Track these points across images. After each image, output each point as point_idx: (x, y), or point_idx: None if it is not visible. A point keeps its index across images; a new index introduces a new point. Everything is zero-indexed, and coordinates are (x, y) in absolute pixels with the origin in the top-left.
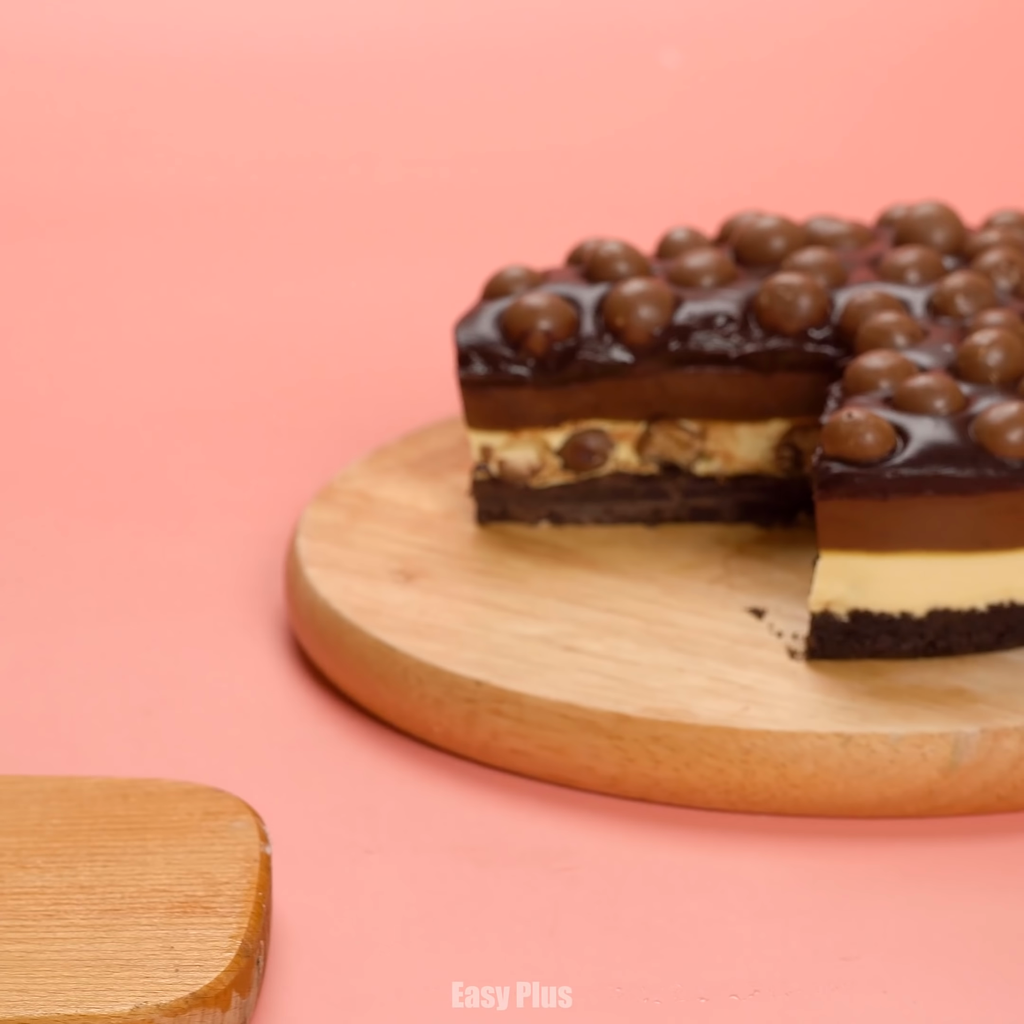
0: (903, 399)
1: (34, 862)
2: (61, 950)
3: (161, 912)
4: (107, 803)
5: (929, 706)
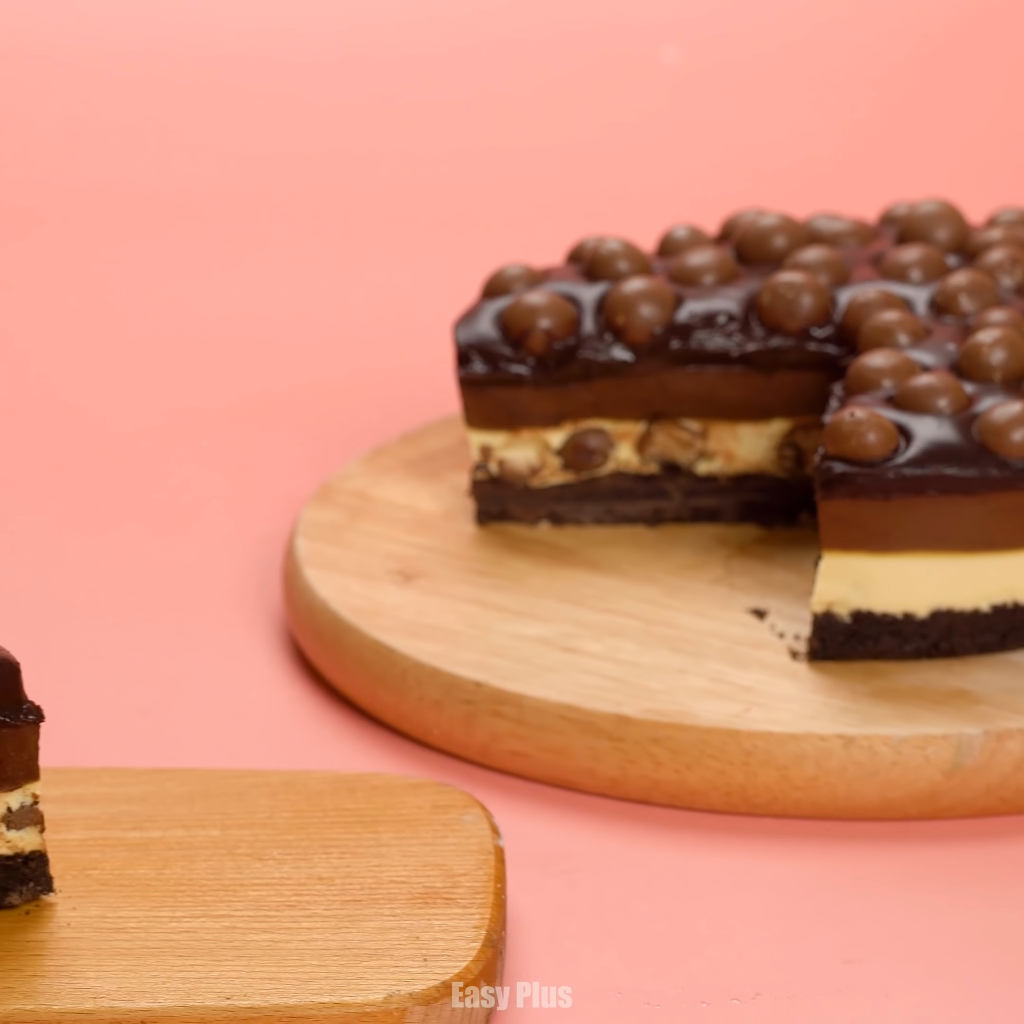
0: (906, 398)
1: (270, 854)
2: (308, 940)
3: (403, 903)
4: (334, 796)
5: (932, 707)
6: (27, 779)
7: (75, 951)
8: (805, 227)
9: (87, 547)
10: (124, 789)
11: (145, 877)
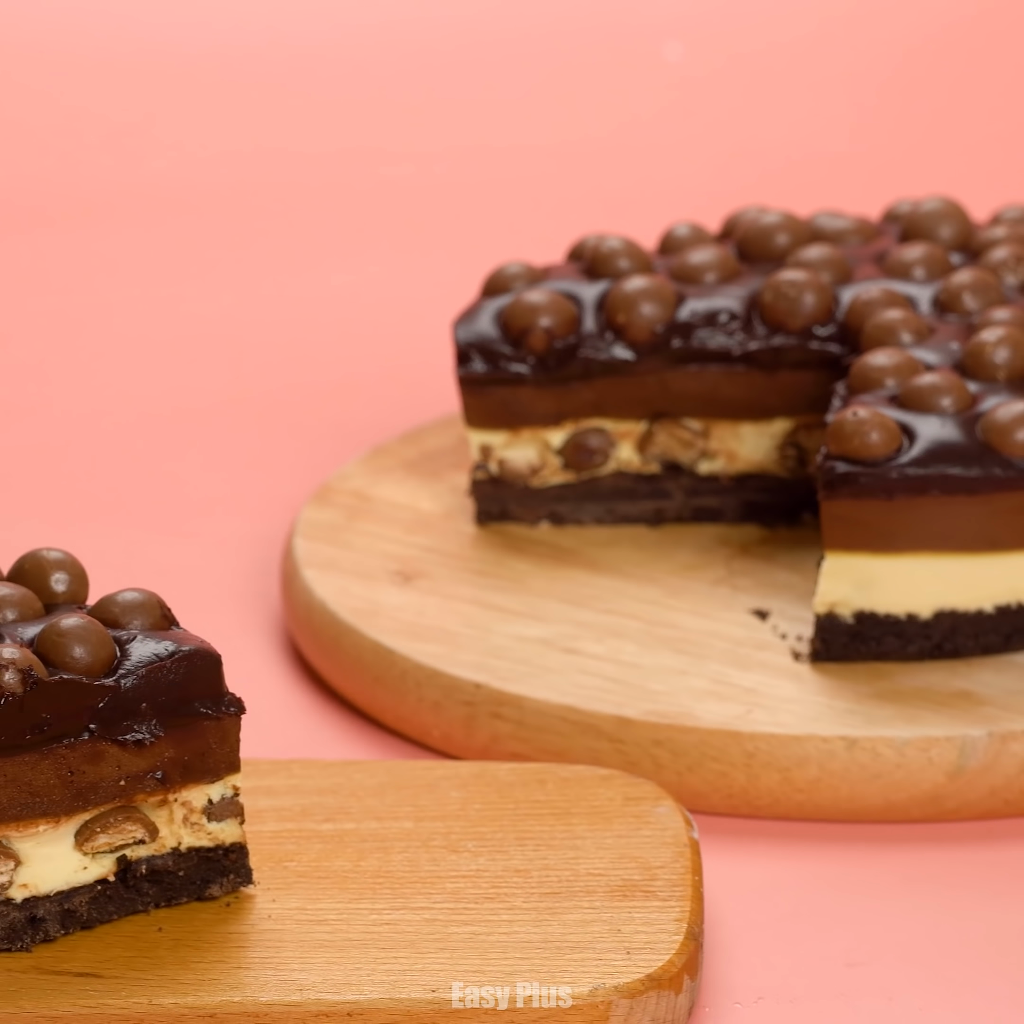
0: (909, 397)
1: (465, 846)
2: (509, 932)
3: (601, 896)
4: (525, 788)
5: (935, 709)
6: (228, 771)
7: (278, 943)
8: (807, 225)
9: (84, 547)
10: (314, 781)
11: (342, 869)
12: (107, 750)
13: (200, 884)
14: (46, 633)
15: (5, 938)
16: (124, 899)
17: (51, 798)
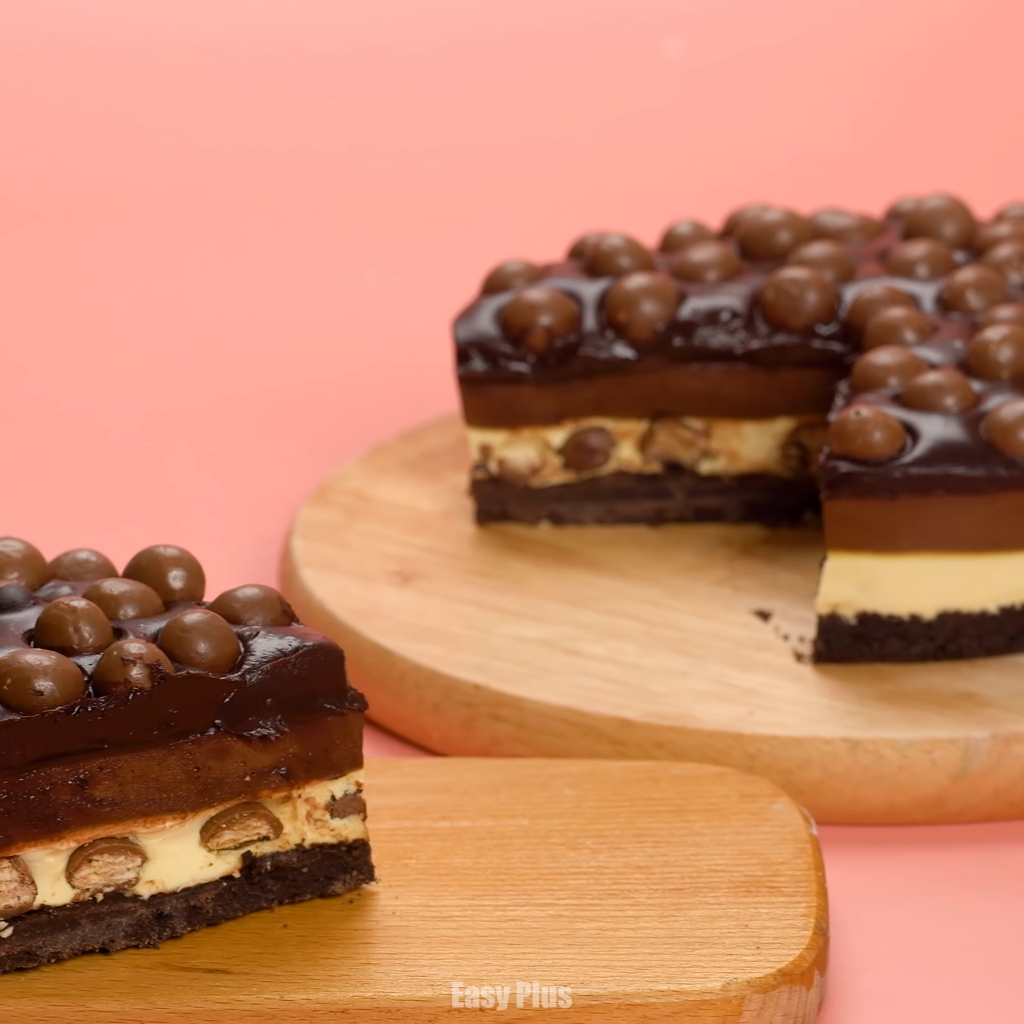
0: (912, 396)
1: (584, 843)
2: (636, 928)
3: (725, 891)
4: (639, 786)
5: (939, 711)
6: (351, 767)
7: (405, 939)
8: (810, 222)
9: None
10: (427, 779)
11: (462, 866)
12: (233, 746)
13: (323, 881)
14: (170, 628)
15: (133, 934)
16: (248, 896)
17: (178, 794)
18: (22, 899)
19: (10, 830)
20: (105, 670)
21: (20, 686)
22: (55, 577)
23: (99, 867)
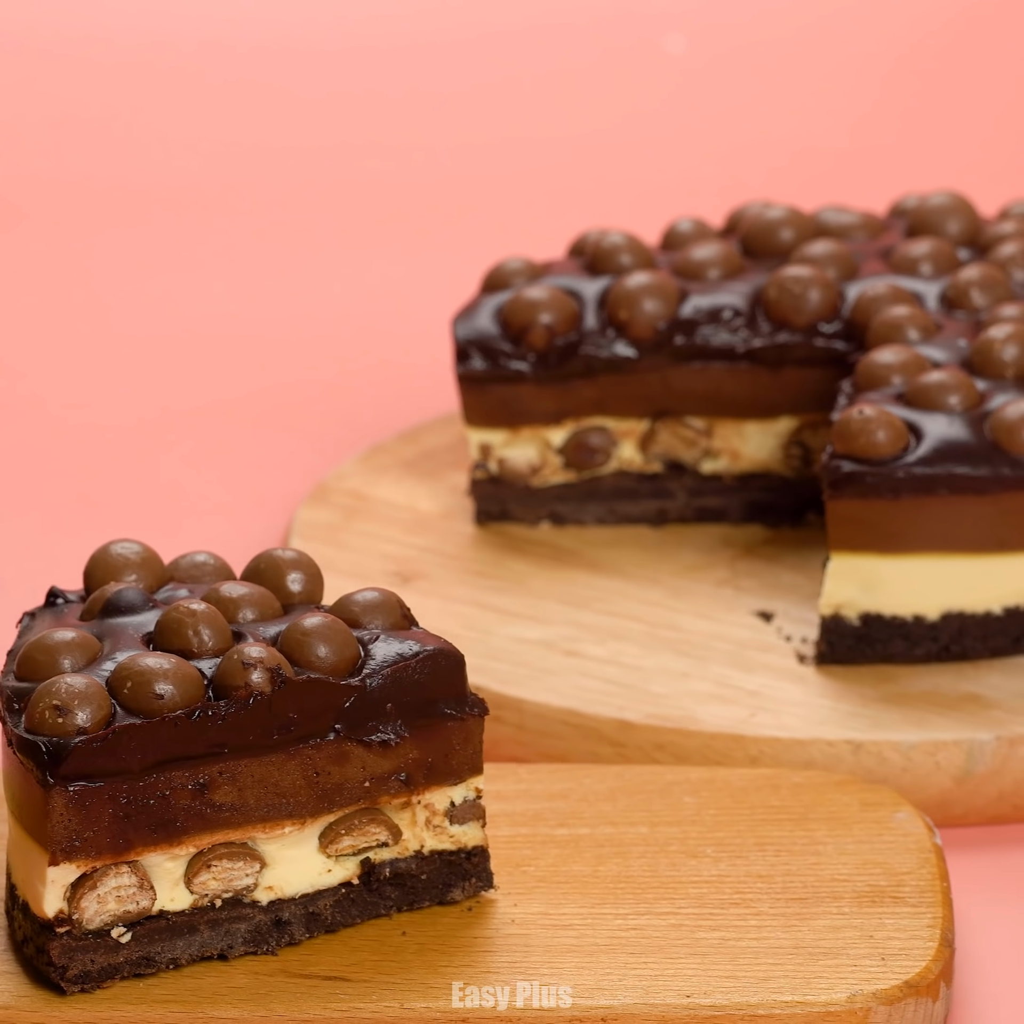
0: (916, 395)
1: (704, 851)
2: (759, 938)
3: (849, 901)
4: (759, 794)
5: (942, 712)
6: (471, 773)
7: (525, 947)
8: (813, 220)
9: (75, 549)
10: (543, 785)
11: (581, 874)
12: (352, 751)
13: (442, 888)
14: (290, 632)
15: (251, 941)
16: (367, 902)
17: (297, 799)
18: (141, 904)
19: (130, 835)
20: (225, 674)
21: (140, 689)
22: (172, 580)
23: (218, 872)
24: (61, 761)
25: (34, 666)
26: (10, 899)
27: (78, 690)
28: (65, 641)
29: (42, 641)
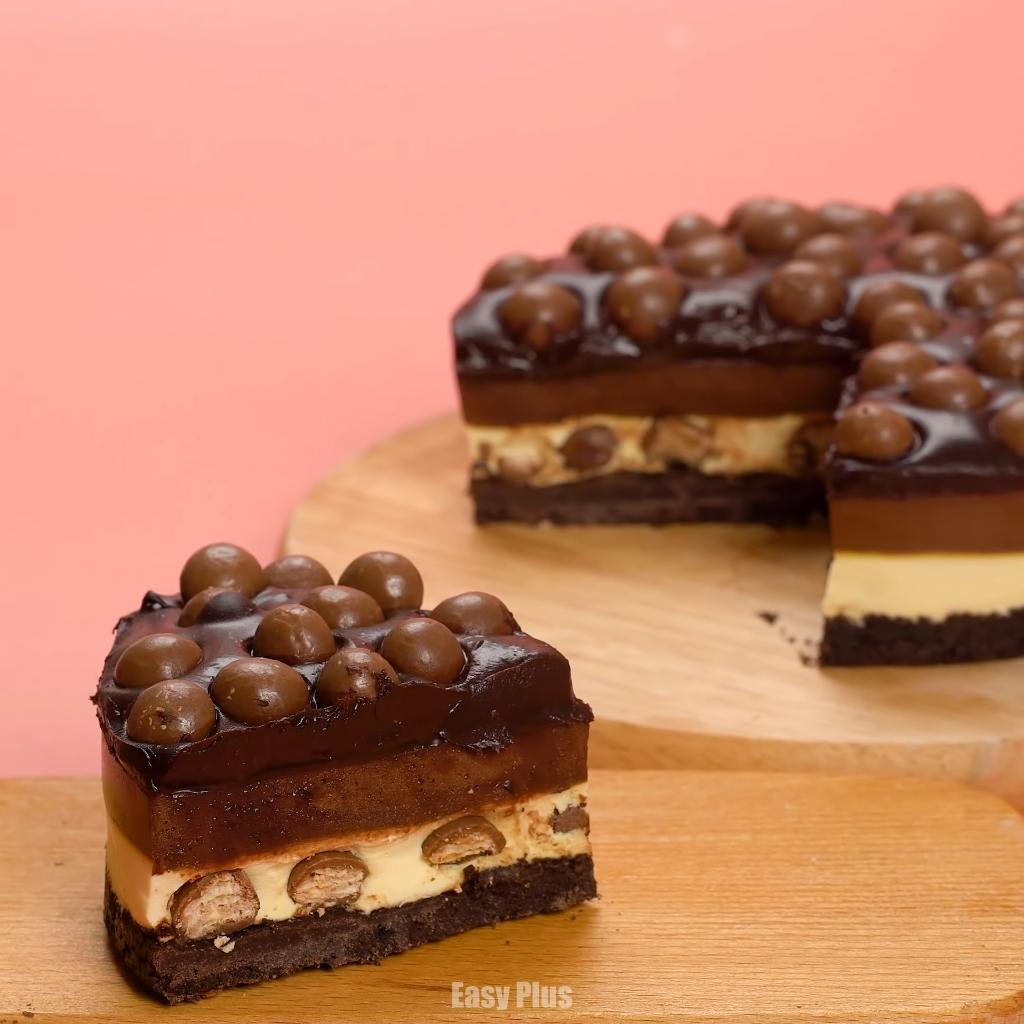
0: (921, 394)
1: (808, 859)
2: (868, 947)
3: (958, 910)
4: (861, 801)
5: (948, 715)
6: (575, 780)
7: (631, 957)
8: (816, 216)
9: (68, 549)
10: (641, 792)
11: (684, 882)
12: (457, 758)
13: (545, 896)
14: (393, 637)
15: (354, 951)
16: (470, 911)
17: (401, 807)
18: (244, 913)
19: (234, 843)
20: (329, 680)
21: (244, 696)
22: (270, 584)
23: (321, 881)
24: (166, 768)
25: (135, 672)
26: (111, 908)
27: (182, 696)
28: (166, 647)
29: (142, 647)
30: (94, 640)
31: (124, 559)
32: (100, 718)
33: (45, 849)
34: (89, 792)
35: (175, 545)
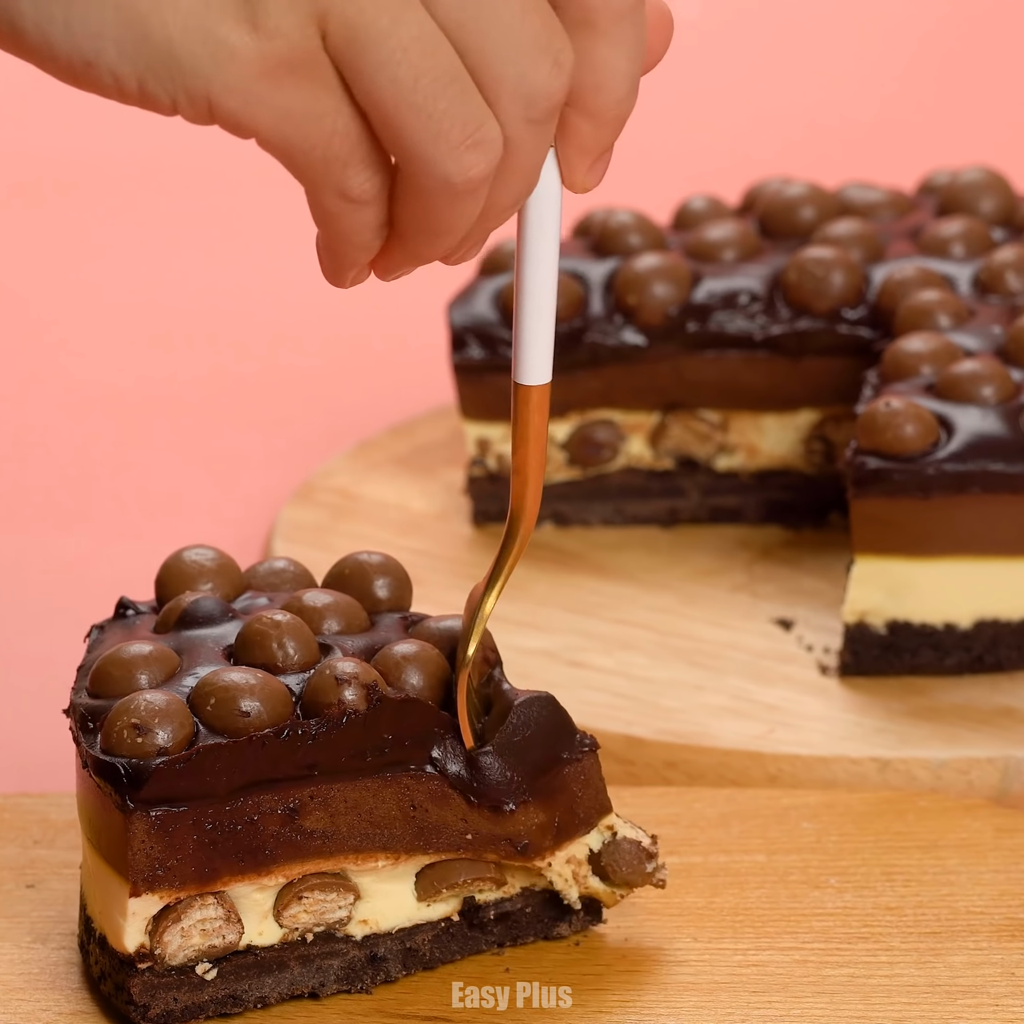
0: (947, 386)
1: (827, 882)
2: (890, 975)
3: (986, 936)
4: (883, 819)
5: (976, 728)
6: (599, 814)
7: (638, 985)
8: (835, 197)
9: (35, 551)
10: (650, 810)
11: (695, 906)
12: (453, 795)
13: (547, 922)
14: (384, 656)
15: (344, 978)
16: (467, 938)
17: (392, 831)
18: (228, 939)
19: (216, 863)
20: (317, 690)
21: (225, 706)
22: (250, 588)
23: (309, 905)
24: (142, 784)
25: (109, 682)
26: (86, 932)
27: (158, 707)
28: (142, 655)
29: (117, 655)
30: (65, 649)
31: (95, 562)
32: (73, 731)
33: (15, 871)
34: (62, 810)
35: (150, 547)
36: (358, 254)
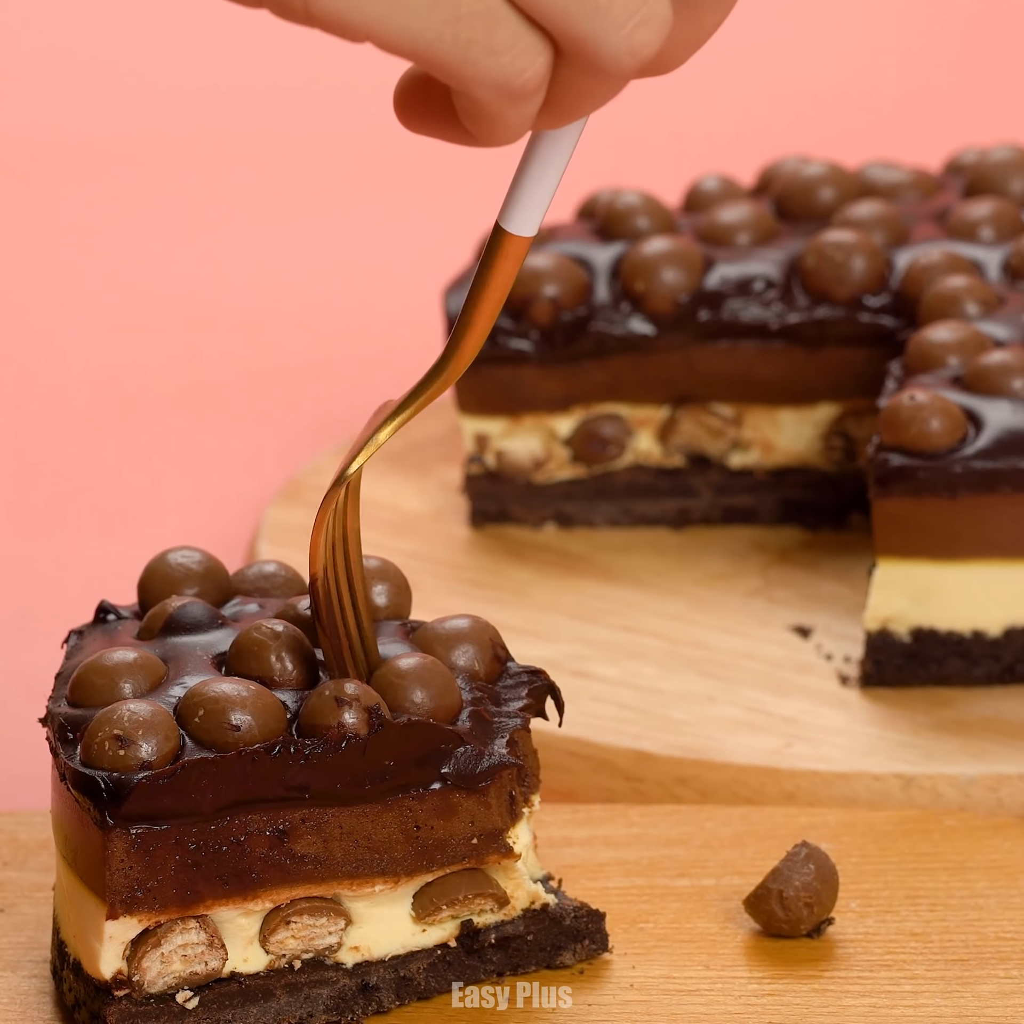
0: (975, 378)
1: (848, 905)
2: (915, 1005)
3: (1017, 963)
4: (907, 839)
5: (1005, 742)
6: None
7: (646, 1016)
8: (856, 177)
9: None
10: (659, 830)
11: (707, 932)
12: (460, 803)
13: (551, 950)
14: (383, 673)
15: (334, 1008)
16: (465, 966)
17: (392, 855)
18: (210, 965)
19: (199, 885)
20: (315, 711)
21: (214, 719)
22: (238, 593)
23: (298, 930)
24: (122, 799)
25: (91, 690)
26: (59, 958)
27: (142, 718)
28: (127, 662)
29: (99, 662)
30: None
31: (72, 563)
32: (50, 742)
33: None
34: (33, 829)
35: (131, 548)
36: (508, 137)
